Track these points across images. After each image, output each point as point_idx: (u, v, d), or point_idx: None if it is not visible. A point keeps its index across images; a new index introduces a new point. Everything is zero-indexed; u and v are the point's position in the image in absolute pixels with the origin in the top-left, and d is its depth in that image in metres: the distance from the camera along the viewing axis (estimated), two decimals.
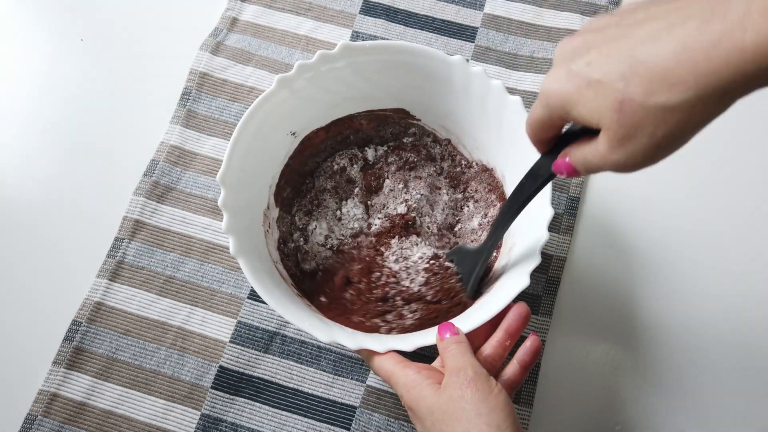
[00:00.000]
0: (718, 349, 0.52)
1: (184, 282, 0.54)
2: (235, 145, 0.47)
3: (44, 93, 0.62)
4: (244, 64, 0.62)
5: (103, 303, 0.53)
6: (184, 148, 0.59)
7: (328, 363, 0.52)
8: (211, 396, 0.50)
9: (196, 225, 0.56)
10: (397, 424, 0.50)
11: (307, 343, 0.52)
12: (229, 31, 0.64)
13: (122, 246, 0.55)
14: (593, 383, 0.52)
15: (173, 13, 0.66)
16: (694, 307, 0.54)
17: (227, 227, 0.44)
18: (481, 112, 0.51)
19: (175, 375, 0.51)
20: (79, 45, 0.64)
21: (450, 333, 0.41)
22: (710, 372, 0.52)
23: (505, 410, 0.36)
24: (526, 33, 0.64)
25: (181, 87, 0.61)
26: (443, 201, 0.55)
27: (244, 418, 0.50)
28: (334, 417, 0.50)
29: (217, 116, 0.60)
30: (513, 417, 0.36)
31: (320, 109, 0.54)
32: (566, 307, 0.54)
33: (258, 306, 0.53)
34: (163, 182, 0.57)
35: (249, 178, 0.49)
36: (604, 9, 0.65)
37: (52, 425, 0.49)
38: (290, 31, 0.64)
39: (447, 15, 0.65)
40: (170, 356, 0.52)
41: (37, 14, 0.66)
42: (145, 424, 0.50)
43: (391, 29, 0.64)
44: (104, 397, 0.50)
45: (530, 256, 0.43)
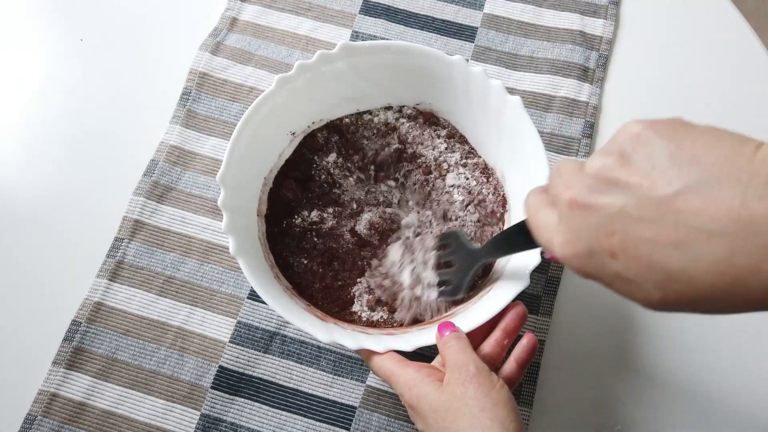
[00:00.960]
0: (718, 349, 0.52)
1: (183, 282, 0.54)
2: (235, 145, 0.47)
3: (44, 93, 0.62)
4: (243, 64, 0.62)
5: (103, 303, 0.53)
6: (184, 148, 0.59)
7: (327, 363, 0.52)
8: (210, 396, 0.50)
9: (196, 225, 0.56)
10: (397, 424, 0.50)
11: (307, 343, 0.52)
12: (228, 31, 0.64)
13: (122, 246, 0.55)
14: (593, 383, 0.52)
15: (173, 13, 0.66)
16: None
17: (227, 227, 0.44)
18: (481, 112, 0.51)
19: (175, 375, 0.51)
20: (79, 45, 0.64)
21: (450, 331, 0.41)
22: (710, 372, 0.52)
23: (507, 405, 0.36)
24: (525, 33, 0.64)
25: (181, 87, 0.61)
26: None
27: (243, 419, 0.50)
28: (334, 417, 0.50)
29: (217, 116, 0.60)
30: (516, 412, 0.36)
31: (320, 109, 0.54)
32: (566, 307, 0.54)
33: (258, 306, 0.53)
34: (163, 182, 0.57)
35: (249, 178, 0.49)
36: (603, 9, 0.65)
37: (51, 425, 0.49)
38: (290, 31, 0.64)
39: (447, 15, 0.65)
40: (170, 356, 0.51)
41: (37, 14, 0.66)
42: (144, 424, 0.50)
43: (390, 29, 0.64)
44: (104, 397, 0.50)
45: (530, 257, 0.43)
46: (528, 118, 0.47)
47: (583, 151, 0.59)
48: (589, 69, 0.62)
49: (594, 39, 0.64)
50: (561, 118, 0.60)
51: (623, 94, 0.62)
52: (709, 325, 0.53)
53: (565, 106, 0.60)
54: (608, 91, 0.62)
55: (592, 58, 0.63)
